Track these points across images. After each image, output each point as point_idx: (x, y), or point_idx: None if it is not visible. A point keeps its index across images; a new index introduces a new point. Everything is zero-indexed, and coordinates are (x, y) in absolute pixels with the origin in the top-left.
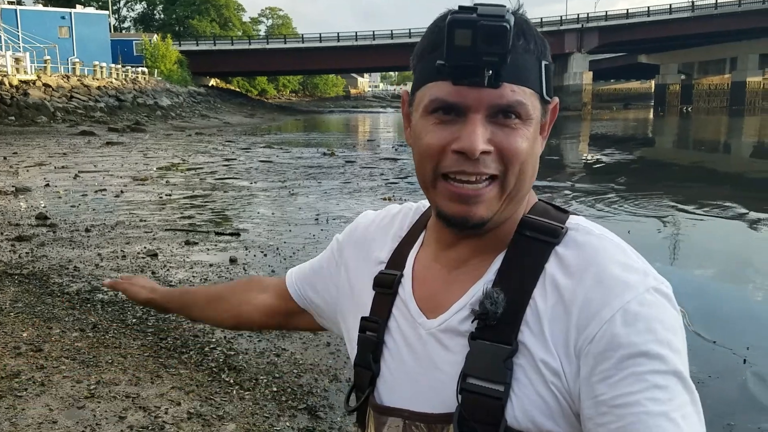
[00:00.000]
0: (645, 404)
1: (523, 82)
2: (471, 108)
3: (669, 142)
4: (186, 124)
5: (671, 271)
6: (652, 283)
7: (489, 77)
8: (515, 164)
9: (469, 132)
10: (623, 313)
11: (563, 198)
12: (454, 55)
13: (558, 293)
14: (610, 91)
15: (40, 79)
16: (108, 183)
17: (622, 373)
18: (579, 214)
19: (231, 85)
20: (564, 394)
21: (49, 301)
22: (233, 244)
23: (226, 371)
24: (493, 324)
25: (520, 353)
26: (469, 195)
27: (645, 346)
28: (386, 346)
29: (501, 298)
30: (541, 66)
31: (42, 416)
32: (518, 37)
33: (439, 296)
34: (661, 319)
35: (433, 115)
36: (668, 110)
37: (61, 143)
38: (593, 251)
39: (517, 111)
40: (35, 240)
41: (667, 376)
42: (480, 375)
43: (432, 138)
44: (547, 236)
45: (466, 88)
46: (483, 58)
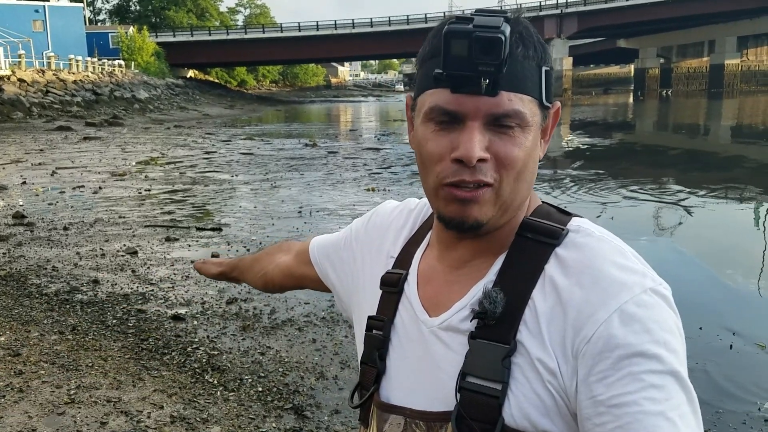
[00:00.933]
0: (642, 404)
1: (521, 90)
2: (468, 116)
3: (649, 126)
4: (164, 117)
5: (653, 254)
6: (650, 284)
7: (486, 86)
8: (511, 172)
9: (466, 140)
10: (620, 314)
11: (545, 185)
12: (450, 65)
13: (556, 294)
14: (590, 76)
15: (15, 74)
16: (86, 179)
17: (619, 373)
18: (582, 216)
19: (210, 77)
20: (561, 393)
21: (27, 303)
22: (215, 240)
23: (210, 372)
24: (492, 323)
25: (518, 352)
26: (465, 197)
27: (642, 347)
28: (391, 344)
29: (500, 298)
30: (542, 72)
31: (21, 424)
32: (517, 44)
33: (441, 295)
34: (658, 320)
35: (432, 122)
36: (648, 94)
37: (37, 139)
38: (592, 253)
39: (514, 120)
40: (12, 240)
41: (663, 375)
42: (478, 374)
43: (432, 146)
44: (548, 238)
45: (464, 96)
46: (479, 68)
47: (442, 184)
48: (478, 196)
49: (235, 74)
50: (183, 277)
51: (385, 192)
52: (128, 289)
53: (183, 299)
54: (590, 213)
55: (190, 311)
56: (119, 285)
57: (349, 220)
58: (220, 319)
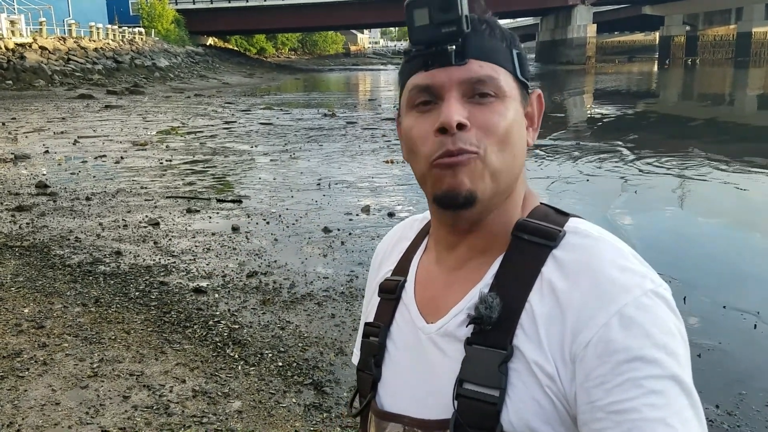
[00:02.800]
0: (642, 410)
1: (490, 60)
2: (444, 87)
3: (674, 95)
4: (185, 86)
5: (678, 231)
6: (650, 286)
7: (456, 53)
8: (494, 139)
9: (444, 108)
10: (619, 317)
11: (568, 157)
12: (417, 36)
13: (554, 297)
14: (614, 43)
15: (36, 41)
16: (108, 149)
17: (619, 379)
18: (580, 216)
19: (229, 44)
20: (560, 398)
21: (50, 275)
22: (235, 212)
23: (231, 346)
24: (489, 329)
25: (515, 357)
26: (453, 162)
27: (641, 351)
28: (388, 351)
29: (496, 303)
30: (513, 53)
31: (45, 397)
32: (481, 23)
33: (438, 300)
34: (658, 323)
35: (414, 110)
36: (673, 62)
37: (59, 107)
38: (590, 254)
39: (489, 86)
40: (35, 210)
41: (664, 380)
42: (476, 380)
43: (417, 129)
44: (545, 240)
45: (437, 70)
46: (442, 30)
47: (431, 164)
48: (463, 160)
49: (255, 42)
50: (204, 249)
51: (404, 164)
52: (150, 261)
53: (204, 272)
54: (613, 186)
55: (211, 284)
56: (141, 257)
57: (367, 193)
58: (240, 293)
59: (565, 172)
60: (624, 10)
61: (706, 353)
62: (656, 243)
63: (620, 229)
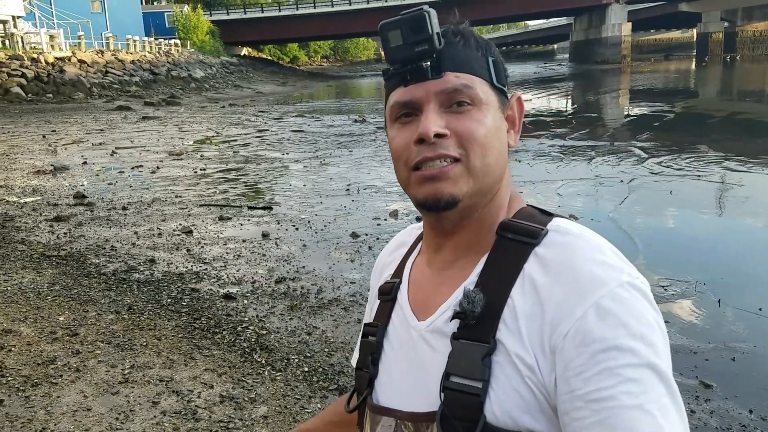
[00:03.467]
0: (619, 398)
1: (465, 70)
2: (422, 100)
3: (713, 93)
4: (219, 96)
5: (714, 233)
6: (626, 279)
7: (429, 68)
8: (474, 145)
9: (423, 120)
10: (596, 308)
11: (602, 159)
12: (392, 56)
13: (535, 292)
14: (651, 41)
15: (75, 55)
16: (144, 159)
17: (596, 368)
18: (564, 216)
19: (263, 54)
20: (540, 389)
21: (85, 283)
22: (265, 219)
23: (258, 351)
24: (473, 323)
25: (497, 351)
26: (434, 174)
27: (617, 340)
28: (384, 350)
29: (479, 298)
30: (489, 61)
31: (77, 404)
32: (455, 35)
33: (429, 299)
34: (635, 314)
35: (397, 121)
36: (711, 60)
37: (98, 119)
38: (570, 250)
39: (464, 96)
40: (73, 220)
41: (640, 368)
42: (460, 373)
43: (398, 140)
44: (527, 238)
45: (414, 86)
46: (415, 49)
47: (411, 170)
48: (444, 171)
49: (288, 51)
50: (235, 256)
51: None
52: (183, 268)
53: (234, 278)
54: (653, 188)
55: (240, 290)
56: (174, 264)
57: (395, 197)
58: (269, 298)
59: (603, 172)
60: (660, 7)
61: (741, 357)
62: (691, 244)
63: (645, 230)
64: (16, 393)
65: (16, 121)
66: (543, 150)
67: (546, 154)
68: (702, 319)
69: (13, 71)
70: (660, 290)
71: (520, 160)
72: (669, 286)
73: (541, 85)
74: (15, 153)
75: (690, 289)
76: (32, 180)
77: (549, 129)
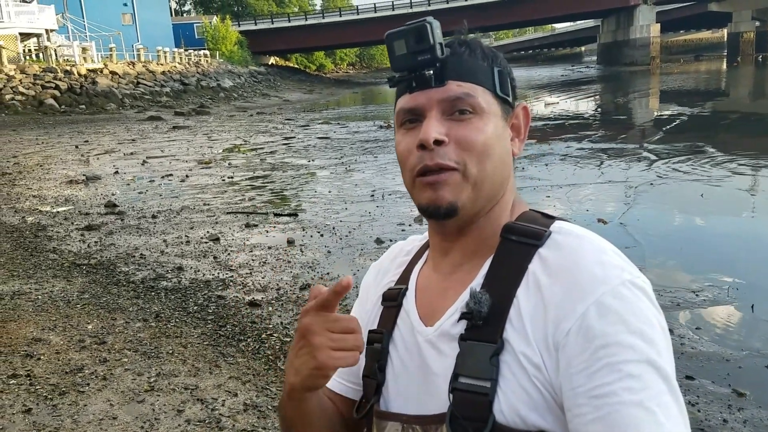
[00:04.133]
0: (620, 394)
1: (469, 80)
2: (425, 108)
3: (745, 94)
4: (248, 105)
5: (753, 236)
6: (627, 277)
7: (433, 77)
8: (473, 153)
9: (424, 126)
10: (597, 306)
11: (633, 161)
12: (397, 64)
13: (539, 292)
14: (680, 42)
15: (107, 67)
16: (174, 168)
17: (598, 364)
18: (568, 219)
19: (290, 62)
20: (547, 387)
21: (114, 291)
22: (291, 225)
23: (282, 359)
24: (480, 324)
25: (504, 350)
26: (434, 181)
27: (617, 336)
28: (390, 356)
29: (485, 298)
30: (494, 71)
31: (103, 412)
32: (461, 45)
33: (435, 303)
34: (635, 311)
35: (402, 127)
36: (742, 60)
37: (130, 129)
38: (572, 251)
39: (465, 104)
40: (104, 228)
41: (640, 365)
42: (469, 373)
43: (402, 145)
44: (531, 239)
45: (418, 93)
46: (418, 58)
47: (414, 176)
48: (442, 178)
49: (314, 59)
50: (260, 263)
51: None
52: (210, 276)
53: (260, 285)
54: (684, 191)
55: (265, 297)
56: (201, 271)
57: None
58: (293, 306)
59: (633, 175)
60: (689, 8)
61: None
62: (724, 249)
63: (676, 234)
64: (44, 401)
65: (50, 132)
66: (570, 153)
67: (573, 157)
68: (735, 325)
69: (47, 83)
70: (691, 296)
71: (547, 164)
72: (701, 291)
73: (567, 87)
74: (48, 163)
75: (722, 294)
76: (65, 190)
77: (575, 132)
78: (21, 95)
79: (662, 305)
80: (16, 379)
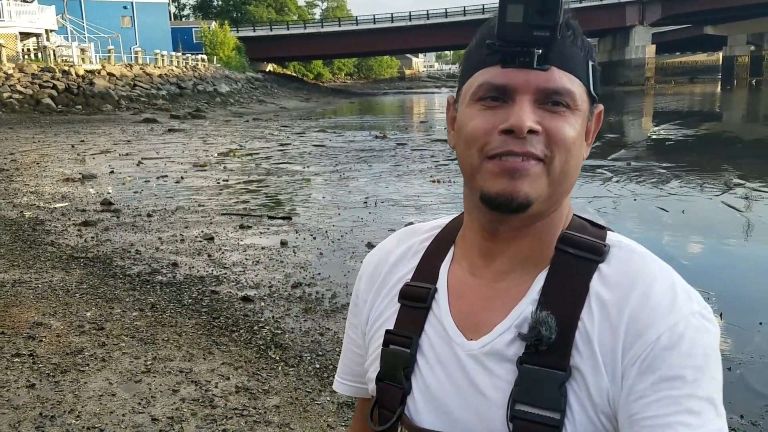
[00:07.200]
0: (676, 428)
1: (570, 70)
2: (518, 90)
3: (738, 117)
4: (244, 110)
5: (727, 252)
6: (697, 308)
7: (538, 57)
8: (562, 149)
9: (517, 110)
10: (669, 336)
11: (621, 178)
12: (505, 32)
13: (604, 311)
14: (675, 64)
15: (105, 68)
16: (169, 169)
17: (658, 395)
18: (614, 230)
19: (287, 70)
20: (610, 417)
21: (111, 283)
22: (285, 228)
23: (273, 348)
24: (544, 348)
25: (572, 378)
26: (516, 168)
27: (683, 370)
28: (417, 364)
29: (554, 323)
30: (589, 65)
31: (102, 389)
32: (567, 28)
33: (478, 314)
34: (703, 345)
35: (480, 102)
36: (737, 83)
37: (125, 131)
38: (638, 270)
39: (565, 98)
40: (100, 225)
41: (702, 402)
42: (532, 402)
43: (478, 122)
44: (591, 254)
45: (515, 71)
46: (534, 33)
47: (487, 157)
48: (527, 167)
49: (312, 67)
50: (254, 262)
51: (450, 183)
52: (204, 272)
53: (253, 282)
54: (671, 205)
55: (258, 293)
56: (196, 268)
57: (412, 211)
58: (285, 302)
59: (621, 190)
60: (685, 30)
61: (737, 367)
62: (700, 264)
63: (659, 246)
64: (47, 378)
65: (46, 131)
66: None
67: None
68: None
69: (44, 83)
70: None
71: None
72: None
73: None
74: (45, 161)
75: None
76: (61, 187)
77: None
78: (19, 94)
79: None
80: (20, 358)
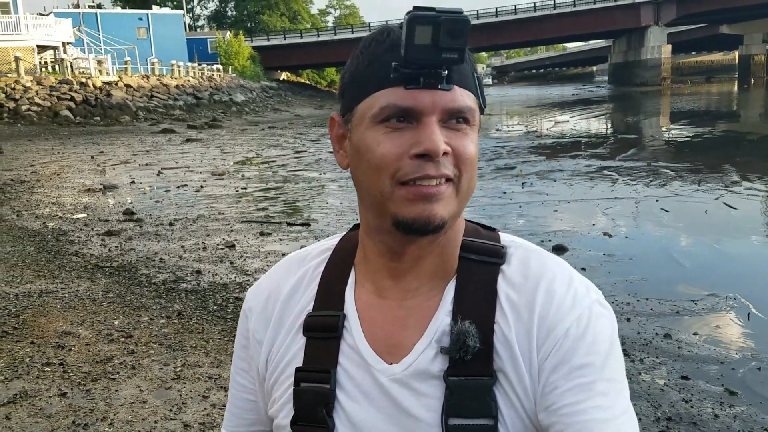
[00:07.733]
0: (591, 413)
1: (467, 86)
2: (425, 111)
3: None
4: (259, 119)
5: (750, 250)
6: (595, 296)
7: (444, 78)
8: (468, 166)
9: (428, 134)
10: (576, 328)
11: (647, 180)
12: (414, 54)
13: (515, 312)
14: (691, 63)
15: (122, 79)
16: (189, 178)
17: (571, 383)
18: (506, 231)
19: (301, 78)
20: (530, 413)
21: (137, 291)
22: (303, 234)
23: None
24: (468, 358)
25: (498, 382)
26: (431, 194)
27: (591, 357)
28: (337, 399)
29: (476, 331)
30: (475, 77)
31: (133, 396)
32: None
33: (394, 336)
34: (605, 330)
35: (383, 125)
36: (754, 82)
37: (144, 141)
38: (538, 269)
39: (466, 115)
40: (123, 234)
41: (610, 383)
42: (465, 413)
43: (387, 147)
44: (492, 257)
45: (419, 91)
46: (443, 55)
47: (401, 183)
48: (442, 190)
49: (325, 75)
50: None
51: None
52: (227, 279)
53: None
54: (687, 208)
55: None
56: (219, 275)
57: None
58: None
59: (639, 191)
60: (700, 29)
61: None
62: (724, 262)
63: (680, 247)
64: (78, 387)
65: (65, 143)
66: (579, 170)
67: (580, 174)
68: (731, 331)
69: (62, 95)
70: (690, 304)
71: (555, 180)
72: (699, 300)
73: (578, 106)
74: (65, 173)
75: (721, 303)
76: (83, 198)
77: (585, 150)
78: (37, 106)
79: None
80: (51, 367)
